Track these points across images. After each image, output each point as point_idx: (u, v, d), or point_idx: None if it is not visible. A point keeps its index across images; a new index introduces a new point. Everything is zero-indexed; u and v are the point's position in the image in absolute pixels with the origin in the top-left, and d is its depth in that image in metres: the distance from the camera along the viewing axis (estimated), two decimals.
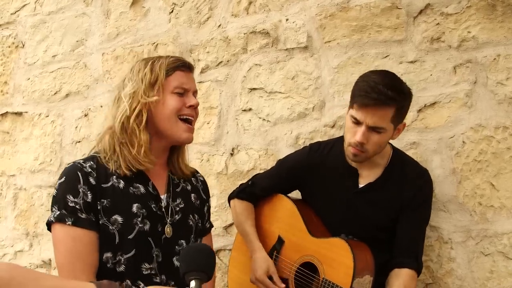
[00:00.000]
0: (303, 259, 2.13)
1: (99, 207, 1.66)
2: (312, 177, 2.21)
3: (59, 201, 1.66)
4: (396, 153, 2.17)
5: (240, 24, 2.79)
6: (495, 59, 2.23)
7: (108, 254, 1.67)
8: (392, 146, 2.18)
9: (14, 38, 3.50)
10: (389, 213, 2.09)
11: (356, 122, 1.98)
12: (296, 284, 2.13)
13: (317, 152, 2.23)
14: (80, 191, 1.65)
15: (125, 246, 1.67)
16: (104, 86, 3.14)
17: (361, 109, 1.95)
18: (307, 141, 2.53)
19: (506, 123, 2.20)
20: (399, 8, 2.42)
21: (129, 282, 1.66)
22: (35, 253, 3.28)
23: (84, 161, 1.73)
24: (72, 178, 1.67)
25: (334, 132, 2.50)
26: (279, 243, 2.23)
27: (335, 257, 2.01)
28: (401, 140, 2.33)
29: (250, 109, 2.75)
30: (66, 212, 1.63)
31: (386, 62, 2.40)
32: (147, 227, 1.70)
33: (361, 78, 2.02)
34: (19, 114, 3.43)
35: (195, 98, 1.82)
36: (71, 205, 1.64)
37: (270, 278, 2.15)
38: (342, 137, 2.15)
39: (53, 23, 3.35)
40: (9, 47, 3.51)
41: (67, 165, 1.74)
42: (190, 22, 2.93)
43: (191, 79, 1.84)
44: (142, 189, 1.74)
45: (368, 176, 2.13)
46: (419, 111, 2.35)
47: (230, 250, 2.44)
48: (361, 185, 2.13)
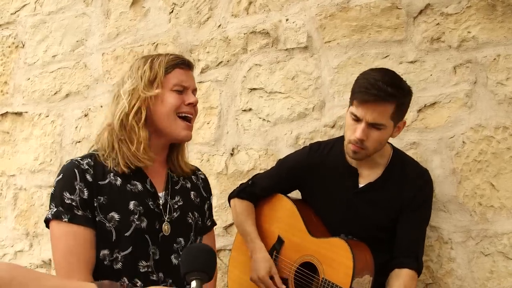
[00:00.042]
0: (303, 259, 2.13)
1: (96, 204, 1.66)
2: (312, 177, 2.21)
3: (56, 198, 1.66)
4: (396, 153, 2.17)
5: (240, 24, 2.79)
6: (495, 59, 2.24)
7: (105, 252, 1.67)
8: (392, 146, 2.18)
9: (14, 38, 3.50)
10: (389, 213, 2.09)
11: (356, 119, 1.98)
12: (296, 284, 2.13)
13: (317, 152, 2.23)
14: (77, 188, 1.65)
15: (122, 244, 1.67)
16: (104, 86, 3.14)
17: (361, 106, 1.95)
18: (307, 141, 2.53)
19: (506, 123, 2.20)
20: (399, 8, 2.42)
21: (126, 280, 1.66)
22: (35, 253, 3.28)
23: (82, 159, 1.73)
24: (69, 175, 1.68)
25: (334, 132, 2.50)
26: (279, 243, 2.23)
27: (335, 257, 2.01)
28: (401, 140, 2.34)
29: (250, 109, 2.75)
30: (63, 209, 1.64)
31: (386, 62, 2.39)
32: (144, 225, 1.70)
33: (361, 76, 2.03)
34: (19, 114, 3.43)
35: (194, 96, 1.82)
36: (68, 202, 1.64)
37: (271, 279, 2.15)
38: (342, 137, 2.15)
39: (53, 23, 3.36)
40: (9, 47, 3.51)
41: (65, 163, 1.74)
42: (190, 22, 2.93)
43: (191, 77, 1.83)
44: (140, 187, 1.74)
45: (368, 176, 2.13)
46: (419, 111, 2.35)
47: (230, 250, 2.43)
48: (361, 185, 2.13)
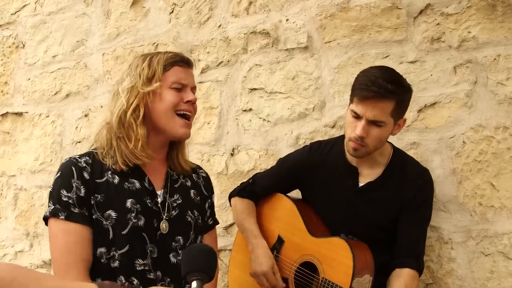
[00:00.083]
0: (303, 259, 2.13)
1: (93, 202, 1.66)
2: (312, 176, 2.21)
3: (54, 196, 1.67)
4: (397, 153, 2.17)
5: (240, 24, 2.79)
6: (495, 59, 2.23)
7: (102, 249, 1.67)
8: (393, 146, 2.18)
9: (15, 39, 3.50)
10: (389, 213, 2.09)
11: (356, 116, 1.98)
12: (296, 284, 2.13)
13: (318, 151, 2.23)
14: (74, 186, 1.66)
15: (119, 242, 1.67)
16: (105, 86, 3.14)
17: (361, 103, 1.95)
18: (308, 141, 2.53)
19: (506, 123, 2.20)
20: (399, 8, 2.42)
21: (123, 278, 1.66)
22: (36, 253, 3.28)
23: (80, 156, 1.74)
24: (67, 173, 1.68)
25: (335, 132, 2.50)
26: (279, 243, 2.23)
27: (335, 257, 2.01)
28: (402, 140, 2.34)
29: (251, 109, 2.75)
30: (60, 207, 1.64)
31: (386, 62, 2.39)
32: (142, 223, 1.69)
33: (362, 73, 2.03)
34: (20, 115, 3.43)
35: (193, 94, 1.81)
36: (65, 200, 1.65)
37: None
38: (343, 136, 2.15)
39: (53, 24, 3.36)
40: (10, 48, 3.51)
41: (64, 161, 1.75)
42: (190, 22, 2.93)
43: (190, 75, 1.82)
44: (138, 185, 1.73)
45: (369, 175, 2.13)
46: (419, 111, 2.35)
47: (231, 250, 2.43)
48: (361, 184, 2.13)
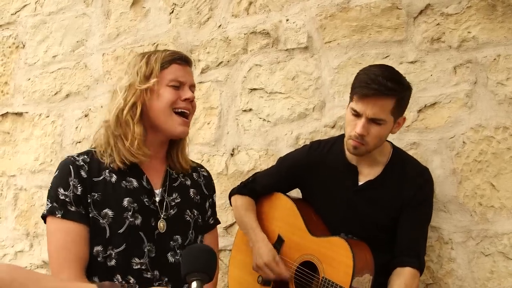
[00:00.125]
0: (303, 258, 2.13)
1: (89, 200, 1.67)
2: (312, 176, 2.21)
3: (52, 194, 1.68)
4: (396, 151, 2.17)
5: (241, 25, 2.79)
6: (495, 59, 2.23)
7: (99, 248, 1.67)
8: (393, 145, 2.19)
9: (15, 39, 3.50)
10: (389, 212, 2.09)
11: (356, 114, 1.98)
12: (296, 283, 2.13)
13: (317, 151, 2.23)
14: (71, 184, 1.66)
15: (116, 240, 1.67)
16: (105, 87, 3.14)
17: (361, 100, 1.96)
18: (308, 142, 2.52)
19: (506, 124, 2.20)
20: (399, 9, 2.42)
21: (120, 277, 1.66)
22: (36, 254, 3.28)
23: (79, 155, 1.74)
24: (64, 172, 1.69)
25: (335, 133, 2.50)
26: (279, 242, 2.22)
27: (335, 256, 2.01)
28: (402, 140, 2.34)
29: (251, 110, 2.75)
30: (57, 205, 1.65)
31: (387, 63, 2.38)
32: (138, 222, 1.69)
33: (361, 71, 2.04)
34: (20, 115, 3.43)
35: (192, 92, 1.80)
36: (62, 198, 1.65)
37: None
38: (343, 136, 2.15)
39: (54, 24, 3.36)
40: (10, 48, 3.51)
41: (63, 159, 1.76)
42: (191, 23, 2.93)
43: (188, 73, 1.82)
44: (135, 183, 1.73)
45: (368, 174, 2.13)
46: (419, 112, 2.35)
47: (231, 251, 2.43)
48: (361, 183, 2.12)
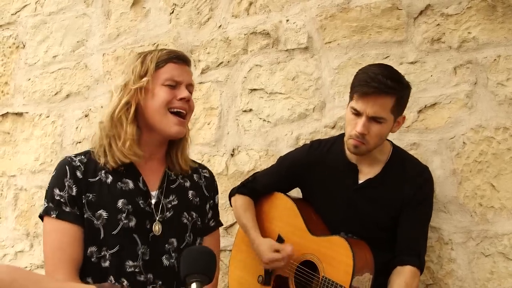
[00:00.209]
0: (303, 258, 2.13)
1: (84, 201, 1.66)
2: (312, 175, 2.21)
3: (48, 195, 1.68)
4: (396, 150, 2.17)
5: (241, 25, 2.79)
6: (496, 60, 2.23)
7: (93, 248, 1.66)
8: (392, 144, 2.19)
9: (15, 39, 3.50)
10: (389, 211, 2.09)
11: (356, 113, 1.98)
12: (296, 283, 2.13)
13: (317, 150, 2.23)
14: (66, 185, 1.66)
15: (110, 242, 1.66)
16: (105, 87, 3.14)
17: (361, 99, 1.96)
18: (308, 142, 2.52)
19: (507, 124, 2.20)
20: (400, 9, 2.42)
21: (113, 279, 1.65)
22: (36, 254, 3.28)
23: (76, 155, 1.74)
24: (60, 172, 1.69)
25: (335, 133, 2.49)
26: (279, 242, 2.22)
27: (335, 256, 2.01)
28: (402, 141, 2.34)
29: (251, 110, 2.75)
30: (52, 205, 1.65)
31: (387, 63, 2.37)
32: (133, 224, 1.67)
33: (361, 70, 2.05)
34: (20, 115, 3.43)
35: (188, 91, 1.77)
36: (57, 199, 1.66)
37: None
38: (343, 135, 2.15)
39: (54, 24, 3.36)
40: (10, 48, 3.51)
41: (61, 160, 1.76)
42: (191, 23, 2.93)
43: (185, 72, 1.78)
44: (131, 185, 1.72)
45: (369, 173, 2.13)
46: (420, 112, 2.35)
47: (231, 251, 2.43)
48: (361, 181, 2.12)
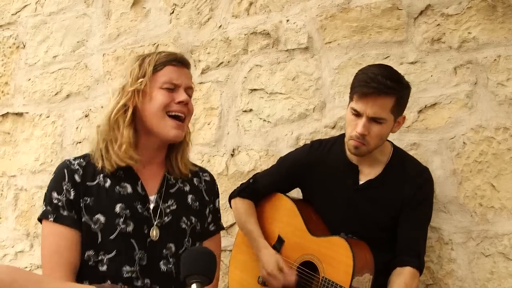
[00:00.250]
0: (303, 258, 2.13)
1: (82, 205, 1.65)
2: (313, 175, 2.21)
3: (46, 198, 1.68)
4: (397, 151, 2.17)
5: (241, 25, 2.79)
6: (496, 60, 2.23)
7: (90, 252, 1.65)
8: (393, 144, 2.19)
9: (15, 39, 3.50)
10: (390, 212, 2.09)
11: (357, 114, 1.98)
12: (297, 283, 2.13)
13: (318, 150, 2.23)
14: (64, 189, 1.66)
15: (107, 247, 1.64)
16: (105, 87, 3.14)
17: (361, 100, 1.96)
18: (308, 142, 2.52)
19: (507, 124, 2.20)
20: (400, 9, 2.42)
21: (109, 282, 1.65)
22: (36, 254, 3.28)
23: (75, 159, 1.73)
24: (59, 176, 1.69)
25: (335, 133, 2.49)
26: (279, 243, 2.23)
27: (335, 256, 2.01)
28: (402, 141, 2.34)
29: (251, 110, 2.75)
30: (50, 209, 1.65)
31: (387, 63, 2.37)
32: (130, 229, 1.66)
33: (360, 71, 2.05)
34: (20, 115, 3.43)
35: (187, 95, 1.74)
36: (55, 202, 1.65)
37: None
38: (343, 135, 2.15)
39: (54, 24, 3.36)
40: (10, 48, 3.51)
41: (60, 163, 1.75)
42: (191, 23, 2.93)
43: (184, 75, 1.76)
44: (129, 189, 1.70)
45: (369, 174, 2.13)
46: (420, 112, 2.35)
47: (231, 251, 2.43)
48: (362, 182, 2.12)
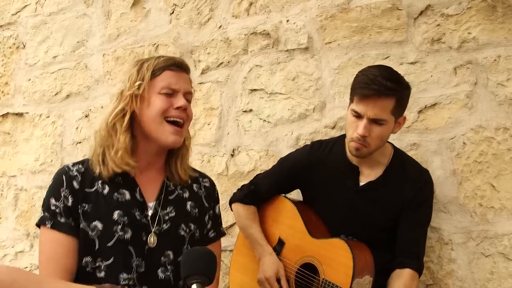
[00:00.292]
0: (303, 260, 2.13)
1: (80, 211, 1.64)
2: (313, 176, 2.21)
3: (45, 204, 1.67)
4: (397, 153, 2.17)
5: (241, 25, 2.79)
6: (496, 60, 2.23)
7: (88, 259, 1.64)
8: (393, 146, 2.19)
9: (15, 39, 3.50)
10: (390, 213, 2.09)
11: (357, 116, 1.98)
12: (297, 285, 2.13)
13: (318, 151, 2.23)
14: (62, 195, 1.65)
15: (105, 253, 1.63)
16: (105, 87, 3.14)
17: (362, 101, 1.96)
18: (308, 142, 2.52)
19: (507, 124, 2.20)
20: (400, 9, 2.42)
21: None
22: (36, 254, 3.26)
23: (74, 164, 1.72)
24: (57, 182, 1.68)
25: (335, 133, 2.50)
26: (280, 245, 2.23)
27: (335, 258, 2.02)
28: (402, 141, 2.34)
29: (251, 110, 2.75)
30: (48, 215, 1.64)
31: (387, 63, 2.38)
32: (128, 236, 1.64)
33: (360, 73, 2.05)
34: (20, 115, 3.43)
35: (185, 100, 1.71)
36: (53, 209, 1.64)
37: (278, 282, 2.14)
38: (344, 136, 2.15)
39: (54, 24, 3.36)
40: (10, 48, 3.51)
41: (59, 168, 1.74)
42: (191, 23, 2.93)
43: (183, 79, 1.73)
44: (128, 196, 1.68)
45: (369, 175, 2.13)
46: (420, 112, 2.35)
47: (231, 251, 2.43)
48: (362, 184, 2.13)
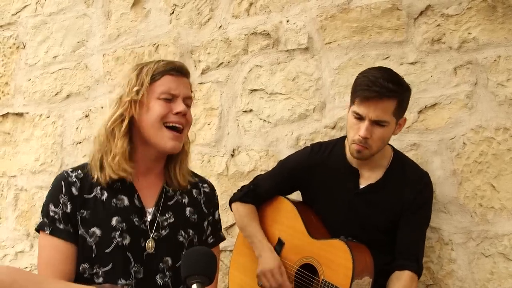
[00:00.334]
0: (303, 261, 2.13)
1: (78, 218, 1.64)
2: (313, 178, 2.21)
3: (44, 209, 1.67)
4: (397, 155, 2.17)
5: (241, 25, 2.79)
6: (496, 61, 2.23)
7: (85, 265, 1.64)
8: (393, 148, 2.19)
9: (15, 39, 3.50)
10: (389, 215, 2.09)
11: (359, 118, 1.98)
12: (296, 286, 2.13)
13: (318, 153, 2.23)
14: (61, 201, 1.65)
15: (103, 260, 1.63)
16: (105, 87, 3.14)
17: (363, 103, 1.96)
18: (308, 142, 2.53)
19: (507, 125, 2.20)
20: (400, 10, 2.42)
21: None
22: (36, 254, 3.27)
23: (73, 170, 1.71)
24: (56, 188, 1.68)
25: (335, 133, 2.50)
26: (279, 245, 2.23)
27: (334, 259, 2.02)
28: (402, 141, 2.34)
29: (251, 110, 2.75)
30: (47, 221, 1.65)
31: (387, 64, 2.39)
32: (127, 242, 1.64)
33: (361, 74, 2.05)
34: (20, 115, 3.43)
35: (184, 105, 1.70)
36: (51, 215, 1.64)
37: None
38: (344, 138, 2.15)
39: (54, 24, 3.36)
40: (10, 48, 3.51)
41: (58, 174, 1.74)
42: (191, 23, 2.93)
43: (182, 84, 1.72)
44: (126, 202, 1.68)
45: (369, 177, 2.13)
46: (420, 112, 2.35)
47: (231, 251, 2.44)
48: (362, 186, 2.13)
